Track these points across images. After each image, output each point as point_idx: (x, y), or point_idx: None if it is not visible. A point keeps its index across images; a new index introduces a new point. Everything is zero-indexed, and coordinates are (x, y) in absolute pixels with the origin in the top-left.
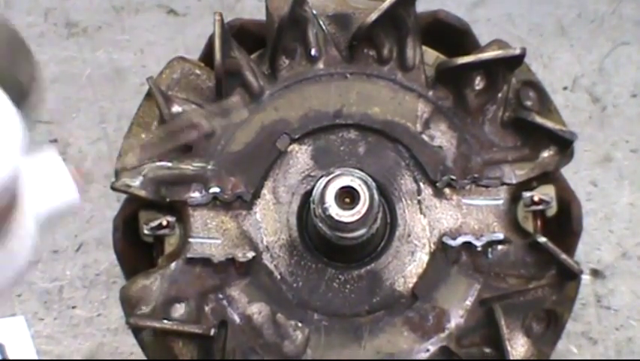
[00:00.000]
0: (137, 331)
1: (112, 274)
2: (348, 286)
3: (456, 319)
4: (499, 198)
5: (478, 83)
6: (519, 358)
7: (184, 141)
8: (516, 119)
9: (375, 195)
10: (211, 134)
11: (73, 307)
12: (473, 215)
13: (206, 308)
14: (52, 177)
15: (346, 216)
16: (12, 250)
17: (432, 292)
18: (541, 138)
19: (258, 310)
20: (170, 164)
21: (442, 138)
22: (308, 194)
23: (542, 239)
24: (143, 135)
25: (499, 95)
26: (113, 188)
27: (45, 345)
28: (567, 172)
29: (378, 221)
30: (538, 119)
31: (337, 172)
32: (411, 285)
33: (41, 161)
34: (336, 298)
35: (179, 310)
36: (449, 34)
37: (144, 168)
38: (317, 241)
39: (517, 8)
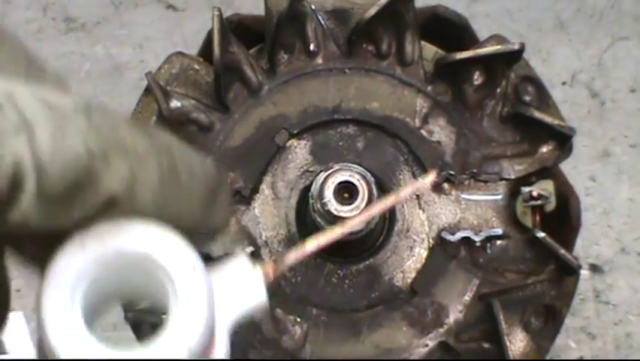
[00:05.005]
0: (136, 326)
1: None
2: (346, 281)
3: (455, 314)
4: (497, 194)
5: (477, 78)
6: (518, 353)
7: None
8: (515, 114)
9: (374, 191)
10: (209, 129)
11: None
12: (472, 210)
13: None
14: (243, 286)
15: (345, 211)
16: None
17: (431, 287)
18: (540, 133)
19: None
20: None
21: (440, 133)
22: (307, 189)
23: (541, 234)
24: None
25: (498, 90)
26: None
27: None
28: (566, 167)
29: (377, 216)
30: (537, 115)
31: (336, 167)
32: (410, 280)
33: (232, 270)
34: (334, 293)
35: None
36: (448, 30)
37: None
38: None
39: (516, 3)
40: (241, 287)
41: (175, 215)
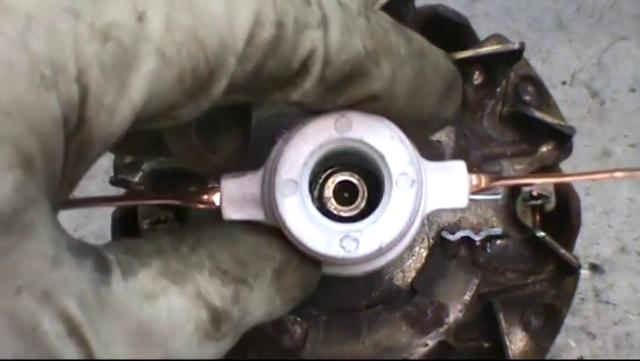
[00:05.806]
0: None
1: None
2: (346, 281)
3: (455, 313)
4: (497, 193)
5: (477, 77)
6: (518, 352)
7: None
8: (515, 113)
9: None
10: None
11: None
12: (472, 210)
13: None
14: (451, 186)
15: (345, 211)
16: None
17: (431, 287)
18: (539, 132)
19: None
20: (169, 159)
21: (440, 132)
22: None
23: (541, 234)
24: None
25: (498, 89)
26: (112, 183)
27: None
28: (566, 167)
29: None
30: (537, 114)
31: (336, 167)
32: (410, 279)
33: (448, 168)
34: (334, 292)
35: None
36: (448, 29)
37: (143, 163)
38: None
39: (516, 3)
40: (449, 186)
41: (418, 107)
